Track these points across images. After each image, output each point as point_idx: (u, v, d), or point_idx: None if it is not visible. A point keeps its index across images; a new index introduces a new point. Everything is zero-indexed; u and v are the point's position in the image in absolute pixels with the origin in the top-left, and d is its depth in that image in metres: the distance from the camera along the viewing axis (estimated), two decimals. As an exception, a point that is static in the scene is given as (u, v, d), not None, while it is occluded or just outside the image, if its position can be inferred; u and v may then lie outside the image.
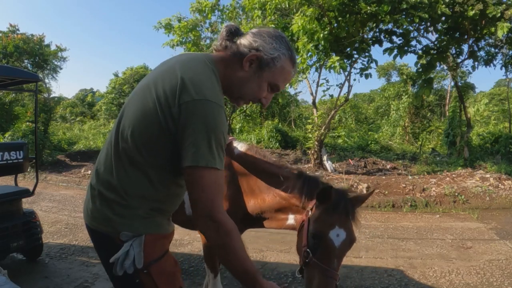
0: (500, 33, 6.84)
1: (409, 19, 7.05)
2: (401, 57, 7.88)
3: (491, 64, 9.28)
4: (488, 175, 7.40)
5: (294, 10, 8.04)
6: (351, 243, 1.59)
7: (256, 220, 1.99)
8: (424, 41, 20.73)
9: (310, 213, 1.63)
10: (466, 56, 8.86)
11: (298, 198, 1.73)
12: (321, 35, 7.16)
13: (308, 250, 1.55)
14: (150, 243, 1.21)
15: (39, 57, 14.57)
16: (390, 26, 7.64)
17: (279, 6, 7.95)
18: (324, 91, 8.82)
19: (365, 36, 7.89)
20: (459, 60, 9.11)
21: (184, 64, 1.19)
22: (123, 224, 1.20)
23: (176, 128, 1.10)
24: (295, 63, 1.28)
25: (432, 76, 9.17)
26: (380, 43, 8.01)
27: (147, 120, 1.14)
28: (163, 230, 1.28)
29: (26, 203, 4.46)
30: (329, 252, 1.52)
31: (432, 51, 8.05)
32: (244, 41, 1.22)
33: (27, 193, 3.53)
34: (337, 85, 8.79)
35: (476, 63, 9.08)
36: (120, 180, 1.20)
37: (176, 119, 1.10)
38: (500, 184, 6.84)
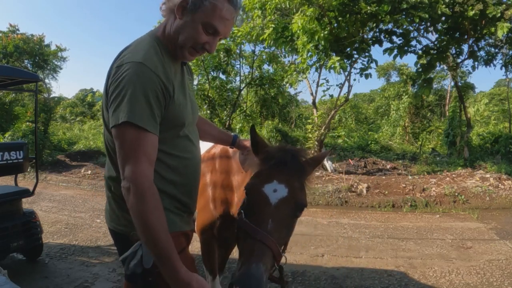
0: (500, 33, 6.85)
1: (409, 19, 7.05)
2: (401, 57, 7.89)
3: (491, 64, 9.29)
4: (488, 175, 7.40)
5: (294, 10, 8.04)
6: (297, 207, 1.28)
7: None
8: (424, 41, 20.70)
9: None
10: (466, 56, 8.87)
11: None
12: (321, 35, 7.16)
13: (241, 210, 1.31)
14: None
15: (39, 57, 14.59)
16: (390, 26, 7.64)
17: (279, 6, 7.95)
18: (324, 91, 8.83)
19: (365, 36, 7.89)
20: (459, 60, 9.12)
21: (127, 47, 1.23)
22: (131, 221, 1.19)
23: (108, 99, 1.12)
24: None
25: (432, 76, 9.17)
26: (380, 43, 8.01)
27: (103, 107, 1.20)
28: (176, 228, 1.26)
29: (26, 203, 4.46)
30: (261, 208, 1.24)
31: (432, 51, 8.05)
32: None
33: (27, 193, 3.53)
34: (337, 85, 8.80)
35: (476, 63, 9.10)
36: (118, 172, 1.21)
37: (107, 91, 1.14)
38: (500, 184, 6.84)
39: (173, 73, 1.21)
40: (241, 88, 13.28)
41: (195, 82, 12.42)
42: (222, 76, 13.33)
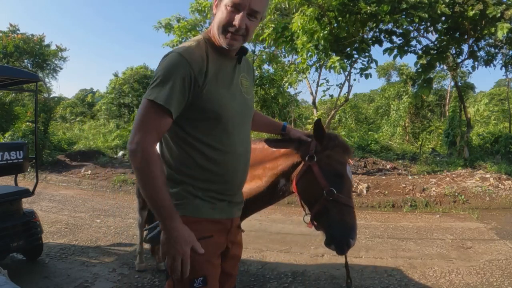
0: (500, 34, 6.84)
1: (409, 19, 7.04)
2: (401, 57, 7.88)
3: (491, 64, 9.26)
4: (488, 175, 7.40)
5: (294, 10, 8.04)
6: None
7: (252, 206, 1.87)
8: (424, 41, 20.69)
9: (314, 158, 1.65)
10: (466, 56, 8.85)
11: (294, 155, 1.74)
12: (321, 35, 7.15)
13: (331, 188, 1.61)
14: None
15: (39, 57, 14.58)
16: (390, 26, 7.64)
17: (279, 5, 7.96)
18: (324, 91, 8.83)
19: (365, 36, 7.88)
20: (459, 60, 9.11)
21: None
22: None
23: None
24: None
25: (432, 76, 9.16)
26: (380, 43, 8.01)
27: None
28: (202, 214, 1.31)
29: (26, 203, 4.44)
30: (349, 187, 1.67)
31: (432, 51, 8.05)
32: None
33: (27, 193, 3.53)
34: (337, 85, 8.81)
35: (476, 63, 9.08)
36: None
37: None
38: (500, 184, 6.84)
39: (217, 67, 1.30)
40: (241, 88, 13.26)
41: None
42: (222, 76, 13.31)
